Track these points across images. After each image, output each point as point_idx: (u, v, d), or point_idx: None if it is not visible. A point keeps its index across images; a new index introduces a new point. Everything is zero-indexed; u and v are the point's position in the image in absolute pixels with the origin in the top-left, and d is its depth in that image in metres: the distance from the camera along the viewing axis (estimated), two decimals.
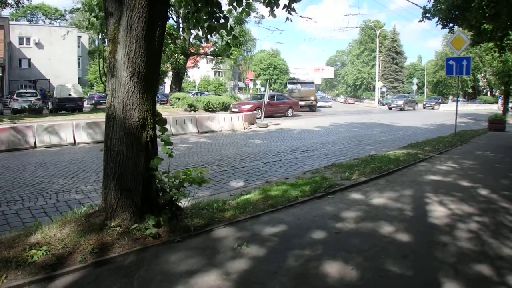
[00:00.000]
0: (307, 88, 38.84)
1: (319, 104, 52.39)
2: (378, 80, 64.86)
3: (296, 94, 37.64)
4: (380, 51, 70.75)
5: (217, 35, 6.05)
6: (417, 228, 5.07)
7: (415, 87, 64.98)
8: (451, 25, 14.69)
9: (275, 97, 30.08)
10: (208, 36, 5.90)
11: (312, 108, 37.86)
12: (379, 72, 69.31)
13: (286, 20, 6.86)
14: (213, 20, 5.44)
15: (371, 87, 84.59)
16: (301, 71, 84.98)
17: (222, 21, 5.69)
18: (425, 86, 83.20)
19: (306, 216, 5.45)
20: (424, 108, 50.54)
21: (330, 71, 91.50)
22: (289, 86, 42.12)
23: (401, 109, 43.17)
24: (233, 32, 5.94)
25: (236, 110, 26.38)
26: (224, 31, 5.71)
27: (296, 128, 20.00)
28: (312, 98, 37.59)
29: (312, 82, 41.43)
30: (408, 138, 15.65)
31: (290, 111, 29.92)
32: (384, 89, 68.79)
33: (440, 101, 54.23)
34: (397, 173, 8.42)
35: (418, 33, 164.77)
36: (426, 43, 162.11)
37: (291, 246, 4.40)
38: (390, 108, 45.24)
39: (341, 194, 6.65)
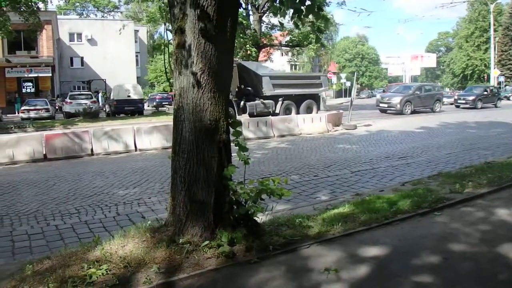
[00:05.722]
0: None
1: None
2: (494, 68, 61.28)
3: None
4: (495, 30, 66.86)
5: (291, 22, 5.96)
6: None
7: None
8: None
9: None
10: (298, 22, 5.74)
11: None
12: (494, 58, 65.50)
13: None
14: (298, 2, 5.38)
15: (486, 77, 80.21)
16: (394, 60, 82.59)
17: (308, 2, 5.58)
18: None
19: (407, 237, 5.34)
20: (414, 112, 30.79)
21: (431, 59, 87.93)
22: None
23: (400, 112, 29.86)
24: (322, 13, 5.79)
25: None
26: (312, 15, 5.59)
27: (393, 129, 19.54)
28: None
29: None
30: None
31: None
32: (502, 79, 64.55)
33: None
34: None
35: None
36: None
37: (389, 273, 4.34)
38: (382, 111, 31.53)
39: (450, 210, 6.42)
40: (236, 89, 24.30)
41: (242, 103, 24.11)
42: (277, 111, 25.06)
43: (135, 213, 7.43)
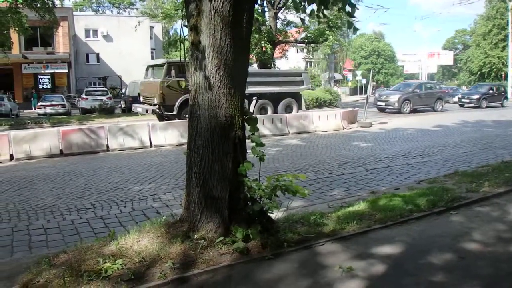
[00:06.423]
0: (151, 80, 22.51)
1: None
2: (511, 66, 60.34)
3: (142, 89, 24.55)
4: None
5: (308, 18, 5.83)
6: None
7: None
8: None
9: None
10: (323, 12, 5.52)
11: (164, 116, 21.06)
12: None
13: None
14: None
15: (503, 75, 79.08)
16: (411, 57, 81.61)
17: None
18: None
19: (422, 236, 5.32)
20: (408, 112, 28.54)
21: (448, 56, 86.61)
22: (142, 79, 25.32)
23: (398, 111, 28.18)
24: None
25: None
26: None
27: (408, 127, 19.38)
28: (157, 100, 20.56)
29: (163, 65, 21.49)
30: None
31: None
32: None
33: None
34: None
35: None
36: None
37: (404, 271, 4.32)
38: (380, 110, 29.52)
39: (467, 209, 6.38)
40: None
41: None
42: (250, 110, 22.23)
43: (150, 209, 7.50)
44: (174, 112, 20.48)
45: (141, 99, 23.88)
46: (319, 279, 4.16)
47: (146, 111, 22.22)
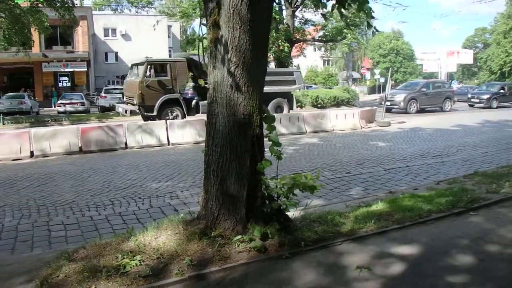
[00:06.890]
0: (132, 80, 21.43)
1: None
2: None
3: (124, 89, 23.79)
4: None
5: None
6: None
7: None
8: None
9: None
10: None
11: (147, 117, 19.99)
12: None
13: None
14: None
15: None
16: (430, 56, 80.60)
17: None
18: None
19: (441, 237, 5.25)
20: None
21: (468, 55, 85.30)
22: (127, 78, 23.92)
23: (404, 111, 27.32)
24: None
25: None
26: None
27: (427, 127, 19.17)
28: (137, 100, 19.74)
29: (143, 64, 20.54)
30: None
31: None
32: None
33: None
34: None
35: None
36: None
37: (422, 273, 4.28)
38: (386, 110, 24.89)
39: (487, 210, 6.27)
40: (190, 87, 20.65)
41: (194, 102, 20.61)
42: None
43: (168, 206, 7.56)
44: (154, 113, 19.67)
45: (124, 99, 23.42)
46: (336, 279, 4.14)
47: (126, 111, 21.60)
